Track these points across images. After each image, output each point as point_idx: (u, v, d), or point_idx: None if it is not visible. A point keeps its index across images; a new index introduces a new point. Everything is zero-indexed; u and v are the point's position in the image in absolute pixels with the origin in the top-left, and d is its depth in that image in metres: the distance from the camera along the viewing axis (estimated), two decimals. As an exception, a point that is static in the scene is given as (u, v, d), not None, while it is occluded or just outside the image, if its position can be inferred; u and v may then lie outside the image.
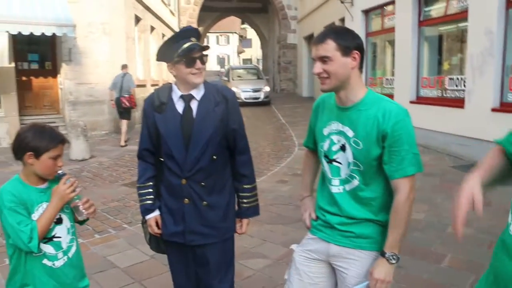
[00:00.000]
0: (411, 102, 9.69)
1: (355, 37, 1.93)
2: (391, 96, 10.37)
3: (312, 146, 2.27)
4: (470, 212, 1.56)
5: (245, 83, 20.54)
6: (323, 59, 1.89)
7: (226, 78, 22.16)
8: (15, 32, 9.54)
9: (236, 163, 2.50)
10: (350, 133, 1.94)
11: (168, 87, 2.44)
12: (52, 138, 2.06)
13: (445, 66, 9.39)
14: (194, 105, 2.37)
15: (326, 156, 2.06)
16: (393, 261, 1.89)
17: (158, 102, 2.39)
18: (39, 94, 11.82)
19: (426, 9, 9.53)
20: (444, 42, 9.70)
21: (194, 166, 2.33)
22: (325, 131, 2.05)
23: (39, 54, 11.73)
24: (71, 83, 11.59)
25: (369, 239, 1.97)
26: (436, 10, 9.30)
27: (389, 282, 1.89)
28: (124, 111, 10.58)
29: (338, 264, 2.03)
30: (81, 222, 2.32)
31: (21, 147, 2.04)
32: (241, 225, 2.57)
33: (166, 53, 2.34)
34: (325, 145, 2.05)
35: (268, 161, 8.66)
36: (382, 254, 1.91)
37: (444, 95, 8.89)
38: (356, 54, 1.89)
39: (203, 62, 2.33)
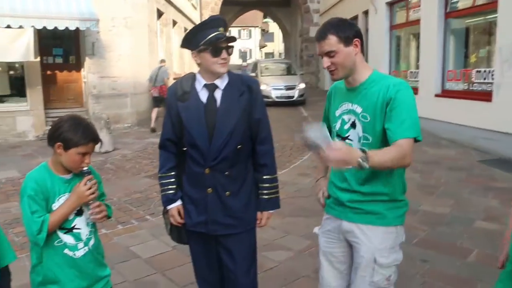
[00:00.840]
0: (436, 95, 9.51)
1: (352, 26, 2.08)
2: (415, 89, 10.19)
3: None
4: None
5: (276, 80, 17.41)
6: (329, 54, 2.04)
7: (253, 74, 18.63)
8: (40, 27, 9.68)
9: (258, 153, 2.46)
10: (358, 110, 2.09)
11: (191, 76, 2.42)
12: (85, 135, 2.06)
13: (472, 58, 9.17)
14: (218, 94, 2.35)
15: (338, 135, 2.19)
16: (361, 162, 1.75)
17: (181, 91, 2.37)
18: (64, 88, 11.96)
19: (453, 0, 9.30)
20: (471, 35, 9.46)
21: (218, 155, 2.31)
22: (337, 113, 2.21)
23: (64, 48, 11.85)
24: (94, 77, 11.71)
25: (378, 215, 2.08)
26: (463, 2, 9.07)
27: (344, 161, 1.73)
28: (154, 100, 11.56)
29: (351, 239, 2.16)
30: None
31: (55, 136, 2.06)
32: (261, 218, 2.51)
33: (192, 40, 2.31)
34: (337, 125, 2.20)
35: (291, 154, 8.61)
36: (363, 150, 1.79)
37: (471, 88, 8.67)
38: (357, 41, 2.05)
39: (229, 53, 2.30)
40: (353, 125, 2.11)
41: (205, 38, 2.24)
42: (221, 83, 2.35)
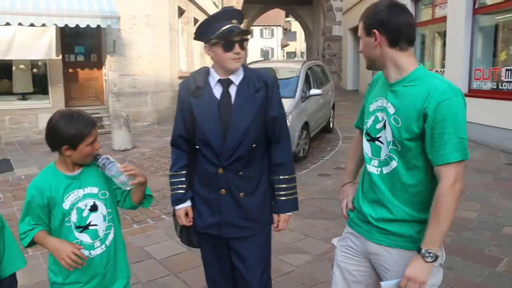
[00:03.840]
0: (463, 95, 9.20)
1: (377, 13, 1.76)
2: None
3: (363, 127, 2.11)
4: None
5: None
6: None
7: None
8: (62, 25, 9.75)
9: (274, 152, 2.33)
10: (391, 110, 1.79)
11: (205, 71, 2.30)
12: (83, 124, 1.97)
13: (502, 56, 8.82)
14: (232, 90, 2.23)
15: (367, 134, 1.92)
16: (429, 259, 1.68)
17: (194, 86, 2.26)
18: (85, 86, 12.02)
19: (482, -4, 8.99)
20: (500, 32, 9.12)
21: (232, 154, 2.19)
22: (371, 107, 1.93)
23: (85, 46, 11.92)
24: (115, 75, 11.72)
25: (407, 237, 1.79)
26: (493, -3, 8.75)
27: (423, 283, 1.69)
28: None
29: (378, 263, 1.89)
30: (136, 206, 2.25)
31: (56, 141, 1.97)
32: (278, 222, 2.38)
33: (204, 32, 2.19)
34: (369, 122, 1.92)
35: (312, 154, 8.44)
36: (418, 250, 1.71)
37: (500, 87, 8.36)
38: (374, 32, 1.76)
39: (243, 47, 2.18)
40: (385, 126, 1.82)
41: (217, 31, 2.12)
42: (236, 78, 2.24)
